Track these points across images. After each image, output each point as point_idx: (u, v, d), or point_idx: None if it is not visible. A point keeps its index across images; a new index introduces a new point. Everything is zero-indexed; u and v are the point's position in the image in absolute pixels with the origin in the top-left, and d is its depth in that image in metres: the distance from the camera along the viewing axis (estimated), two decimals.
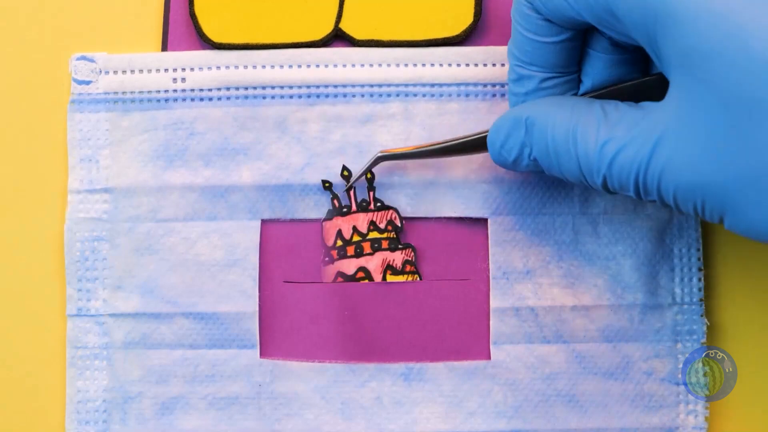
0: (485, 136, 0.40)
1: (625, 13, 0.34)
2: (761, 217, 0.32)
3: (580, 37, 0.38)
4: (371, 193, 0.43)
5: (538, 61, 0.38)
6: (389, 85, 0.43)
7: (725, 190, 0.33)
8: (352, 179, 0.43)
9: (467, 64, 0.43)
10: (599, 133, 0.35)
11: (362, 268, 0.43)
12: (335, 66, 0.43)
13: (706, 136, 0.32)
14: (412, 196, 0.43)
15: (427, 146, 0.41)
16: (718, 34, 0.32)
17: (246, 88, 0.43)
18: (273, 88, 0.43)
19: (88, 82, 0.43)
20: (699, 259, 0.43)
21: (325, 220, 0.43)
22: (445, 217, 0.43)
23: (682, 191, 0.34)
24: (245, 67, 0.43)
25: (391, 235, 0.43)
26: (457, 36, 0.43)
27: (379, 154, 0.42)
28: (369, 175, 0.43)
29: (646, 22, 0.33)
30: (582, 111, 0.36)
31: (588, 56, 0.39)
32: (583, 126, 0.36)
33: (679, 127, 0.33)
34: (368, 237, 0.43)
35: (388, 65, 0.43)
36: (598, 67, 0.39)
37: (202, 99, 0.43)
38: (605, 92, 0.38)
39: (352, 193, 0.43)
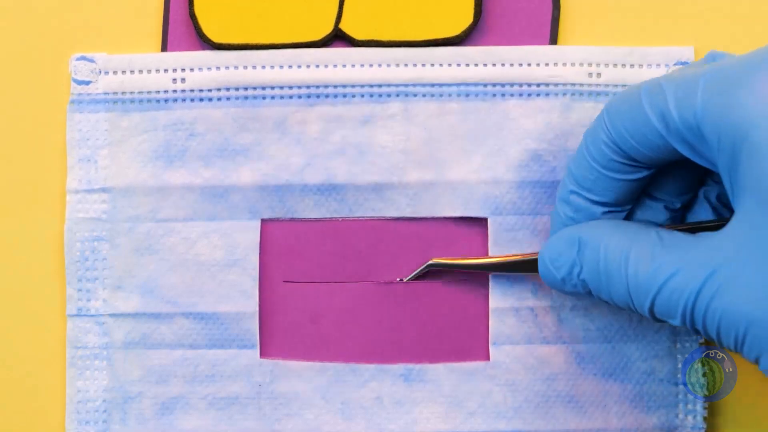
0: (536, 258, 0.40)
1: (714, 137, 0.33)
2: None
3: (649, 178, 0.38)
4: None
5: (601, 193, 0.38)
6: (389, 85, 0.43)
7: None
8: (405, 280, 0.43)
9: (467, 64, 0.43)
10: (653, 257, 0.35)
11: None
12: (335, 66, 0.43)
13: (765, 270, 0.32)
14: (412, 196, 0.43)
15: (477, 260, 0.42)
16: None
17: (246, 89, 0.43)
18: (273, 88, 0.43)
19: (87, 83, 0.43)
20: None
21: None
22: (444, 218, 0.43)
23: (726, 320, 0.33)
24: (245, 67, 0.43)
25: None
26: (457, 36, 0.43)
27: (431, 262, 0.42)
28: None
29: (733, 147, 0.33)
30: (637, 235, 0.36)
31: (643, 203, 0.40)
32: (637, 249, 0.35)
33: (738, 256, 0.32)
34: None
35: (388, 65, 0.43)
36: (648, 213, 0.40)
37: (201, 99, 0.43)
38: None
39: None
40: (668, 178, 0.39)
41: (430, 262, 0.42)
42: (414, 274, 0.43)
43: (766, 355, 0.33)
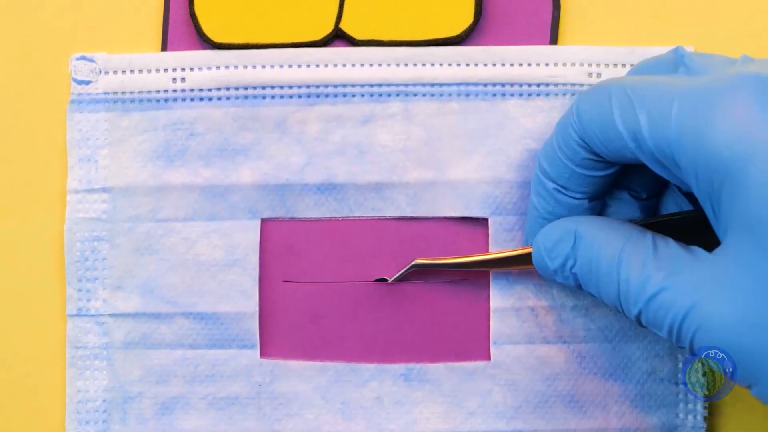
0: (527, 252, 0.40)
1: (692, 169, 0.33)
2: None
3: (620, 171, 0.38)
4: None
5: (575, 188, 0.38)
6: (389, 85, 0.43)
7: (760, 360, 0.32)
8: (388, 282, 0.43)
9: (467, 64, 0.43)
10: (645, 267, 0.34)
11: None
12: (335, 66, 0.43)
13: (753, 304, 0.31)
14: (412, 196, 0.43)
15: (464, 258, 0.41)
16: None
17: (246, 88, 0.43)
18: (273, 88, 0.43)
19: (87, 82, 0.43)
20: None
21: None
22: (445, 217, 0.43)
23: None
24: (245, 67, 0.43)
25: None
26: (457, 36, 0.43)
27: (415, 262, 0.42)
28: None
29: (712, 181, 0.32)
30: (633, 238, 0.35)
31: (610, 192, 0.40)
32: (630, 254, 0.35)
33: (726, 288, 0.32)
34: None
35: (388, 65, 0.43)
36: (617, 202, 0.40)
37: (202, 99, 0.43)
38: (649, 223, 0.38)
39: None
40: (637, 171, 0.39)
41: (414, 263, 0.42)
42: (398, 275, 0.42)
43: (757, 385, 0.32)
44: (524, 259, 0.40)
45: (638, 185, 0.40)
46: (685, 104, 0.33)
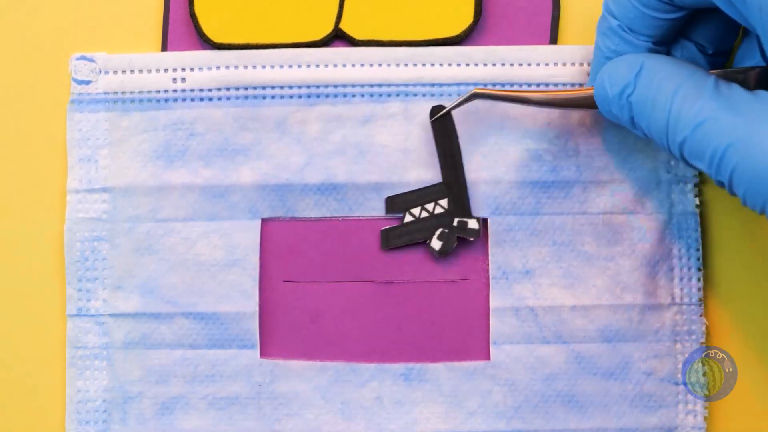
0: (589, 93, 0.39)
1: (756, 4, 0.33)
2: None
3: (688, 17, 0.38)
4: None
5: (640, 30, 0.38)
6: (389, 85, 0.43)
7: None
8: (443, 111, 0.42)
9: (467, 64, 0.43)
10: (700, 98, 0.35)
11: None
12: (335, 66, 0.43)
13: None
14: None
15: (525, 93, 0.41)
16: None
17: (246, 88, 0.43)
18: (273, 88, 0.43)
19: (87, 82, 0.43)
20: (698, 260, 0.43)
21: None
22: None
23: (752, 190, 0.33)
24: (245, 67, 0.43)
25: None
26: (457, 36, 0.43)
27: (475, 91, 0.41)
28: None
29: None
30: (696, 76, 0.36)
31: (679, 43, 0.39)
32: (689, 86, 0.35)
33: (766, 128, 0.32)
34: None
35: (388, 65, 0.43)
36: (684, 54, 0.40)
37: (202, 99, 0.43)
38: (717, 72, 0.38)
39: None
40: (706, 21, 0.39)
41: (474, 91, 0.41)
42: (457, 102, 0.41)
43: None
44: (586, 100, 0.40)
45: (706, 39, 0.40)
46: None
